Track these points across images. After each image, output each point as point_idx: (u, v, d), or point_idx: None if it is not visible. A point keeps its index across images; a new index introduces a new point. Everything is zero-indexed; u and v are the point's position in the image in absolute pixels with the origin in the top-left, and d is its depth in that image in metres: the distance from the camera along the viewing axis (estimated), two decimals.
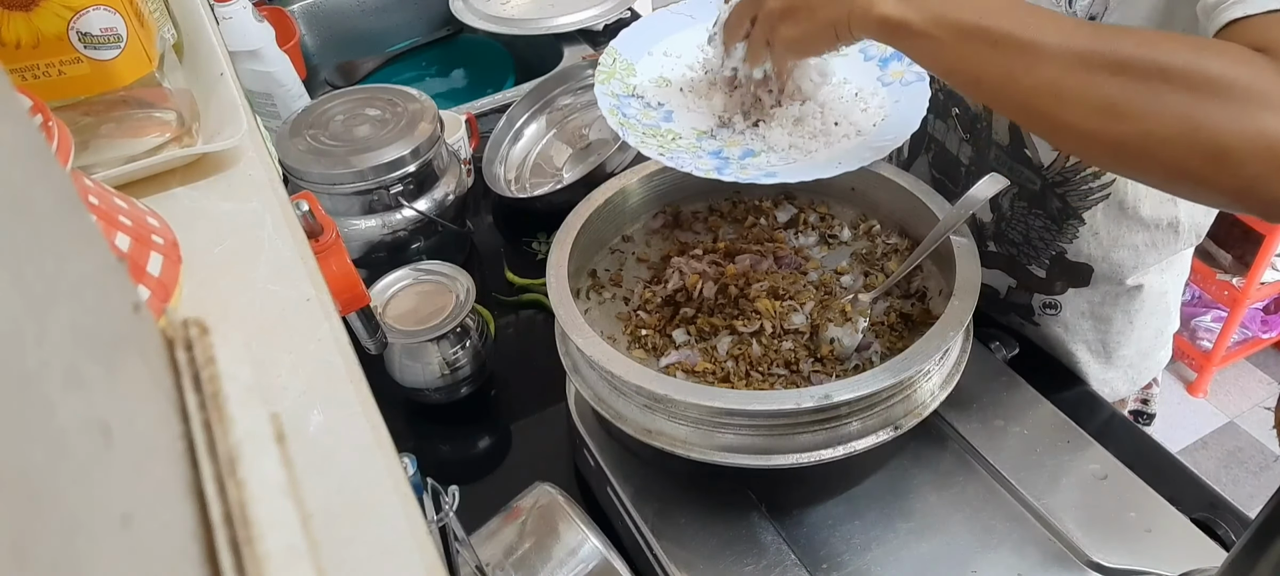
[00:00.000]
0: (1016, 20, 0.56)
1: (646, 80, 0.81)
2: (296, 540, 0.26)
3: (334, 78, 1.57)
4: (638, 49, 0.83)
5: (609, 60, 0.81)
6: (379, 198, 1.00)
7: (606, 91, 0.78)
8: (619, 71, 0.81)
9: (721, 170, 0.70)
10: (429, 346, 0.89)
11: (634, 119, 0.76)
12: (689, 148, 0.74)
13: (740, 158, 0.73)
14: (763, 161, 0.73)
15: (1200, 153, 0.51)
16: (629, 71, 0.81)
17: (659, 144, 0.74)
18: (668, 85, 0.80)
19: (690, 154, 0.73)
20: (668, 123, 0.77)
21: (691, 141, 0.75)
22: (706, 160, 0.72)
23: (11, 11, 0.59)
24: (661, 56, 0.83)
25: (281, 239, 0.51)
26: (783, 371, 0.71)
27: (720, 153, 0.74)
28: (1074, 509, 0.69)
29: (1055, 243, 0.86)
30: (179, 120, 0.59)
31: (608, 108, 0.76)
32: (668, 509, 0.71)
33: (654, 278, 0.82)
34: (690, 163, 0.71)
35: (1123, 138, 0.53)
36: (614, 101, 0.77)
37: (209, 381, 0.29)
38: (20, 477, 0.17)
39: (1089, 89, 0.53)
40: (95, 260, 0.26)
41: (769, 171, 0.71)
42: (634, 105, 0.78)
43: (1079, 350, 0.92)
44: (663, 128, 0.76)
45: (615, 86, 0.79)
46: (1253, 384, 2.34)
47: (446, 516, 0.59)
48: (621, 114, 0.76)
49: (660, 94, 0.80)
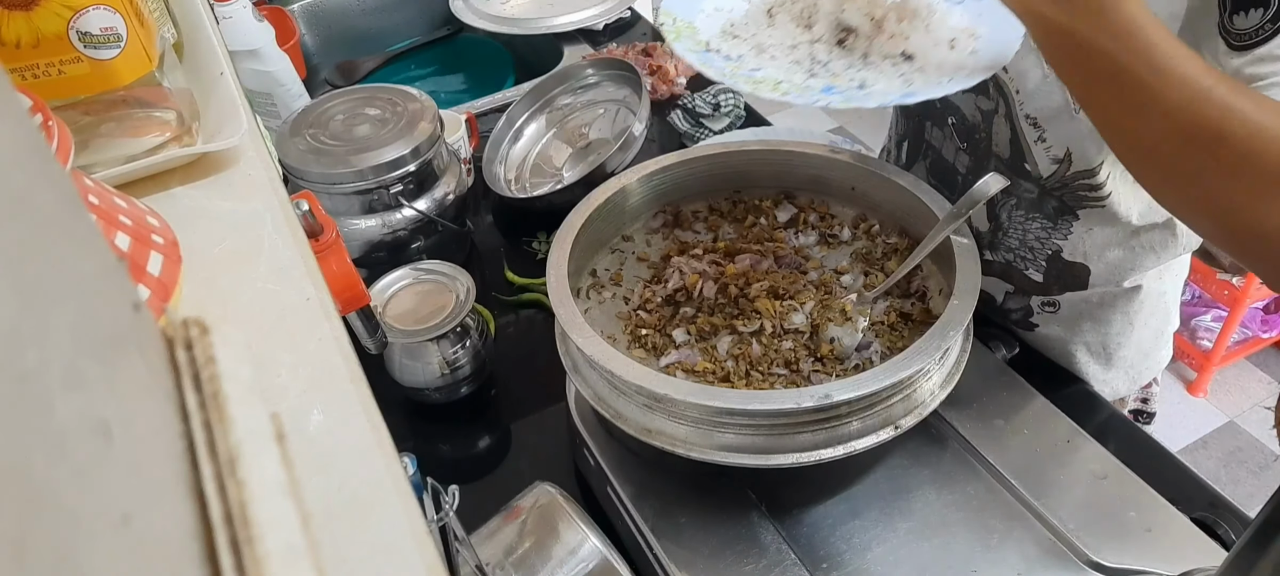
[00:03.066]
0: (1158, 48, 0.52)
1: (713, 35, 0.76)
2: (296, 540, 0.26)
3: (334, 77, 1.57)
4: (691, 8, 0.78)
5: (670, 21, 0.76)
6: (379, 197, 1.00)
7: (686, 48, 0.73)
8: (683, 31, 0.75)
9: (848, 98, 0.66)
10: (429, 346, 0.89)
11: (727, 69, 0.72)
12: (798, 88, 0.69)
13: (856, 87, 0.69)
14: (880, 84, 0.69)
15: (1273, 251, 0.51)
16: (691, 31, 0.76)
17: (772, 87, 0.69)
18: (737, 38, 0.75)
19: (802, 94, 0.68)
20: (758, 72, 0.72)
21: (796, 81, 0.70)
22: (823, 97, 0.68)
23: (11, 11, 0.58)
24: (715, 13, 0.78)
25: (281, 238, 0.51)
26: (783, 371, 0.71)
27: (831, 88, 0.69)
28: (1074, 508, 0.69)
29: (1051, 241, 0.86)
30: (179, 120, 0.59)
31: (699, 62, 0.71)
32: (668, 508, 0.71)
33: (654, 277, 0.82)
34: (813, 98, 0.67)
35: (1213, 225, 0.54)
36: (700, 56, 0.72)
37: (209, 381, 0.29)
38: (20, 477, 0.17)
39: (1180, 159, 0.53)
40: (95, 260, 0.26)
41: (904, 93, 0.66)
42: (716, 59, 0.73)
43: (1079, 351, 0.92)
44: (758, 76, 0.71)
45: (689, 44, 0.74)
46: (1253, 383, 2.34)
47: (446, 516, 0.59)
48: (715, 67, 0.71)
49: (733, 47, 0.75)
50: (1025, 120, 0.78)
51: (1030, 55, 0.74)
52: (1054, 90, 0.74)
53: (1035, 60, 0.74)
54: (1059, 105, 0.74)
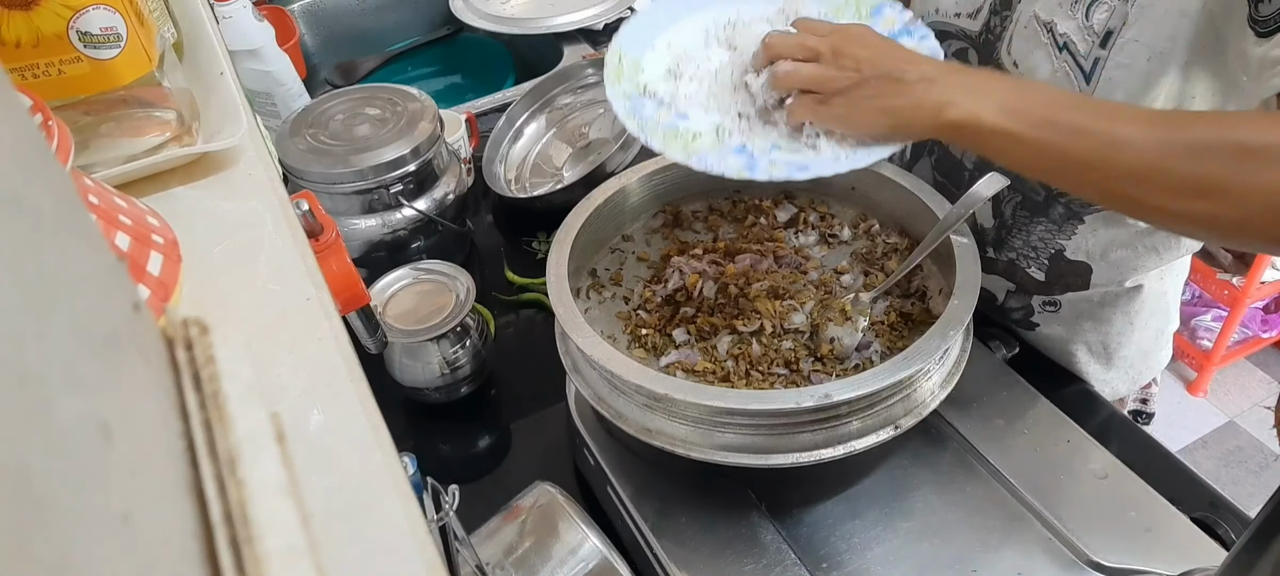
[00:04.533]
0: (1089, 112, 0.58)
1: (656, 76, 0.76)
2: (296, 539, 0.26)
3: (334, 77, 1.57)
4: (641, 44, 0.77)
5: (614, 59, 0.76)
6: (379, 197, 1.00)
7: (619, 93, 0.73)
8: (626, 70, 0.75)
9: (752, 168, 0.67)
10: (429, 346, 0.89)
11: (651, 120, 0.72)
12: (712, 145, 0.70)
13: (769, 152, 0.70)
14: (791, 157, 0.69)
15: None
16: (636, 69, 0.76)
17: (682, 146, 0.70)
18: (678, 79, 0.76)
19: (715, 153, 0.70)
20: (684, 121, 0.73)
21: (713, 138, 0.71)
22: (733, 159, 0.69)
23: (11, 11, 0.58)
24: (666, 49, 0.78)
25: (281, 238, 0.51)
26: (783, 371, 0.71)
27: (745, 148, 0.70)
28: (1074, 508, 0.69)
29: (1054, 241, 0.86)
30: (179, 119, 0.59)
31: (624, 112, 0.71)
32: (668, 508, 0.71)
33: (654, 277, 0.82)
34: (718, 163, 0.68)
35: (1217, 215, 0.55)
36: (628, 104, 0.72)
37: (209, 381, 0.29)
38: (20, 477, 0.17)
39: (1172, 173, 0.55)
40: (95, 259, 0.26)
41: (802, 166, 0.67)
42: (648, 106, 0.73)
43: (1079, 351, 0.92)
44: (681, 127, 0.72)
45: (626, 87, 0.74)
46: (1253, 383, 2.34)
47: (446, 515, 0.59)
48: (639, 117, 0.72)
49: (671, 89, 0.75)
50: None
51: (1039, 49, 0.74)
52: (1063, 84, 0.74)
53: (1045, 55, 0.74)
54: None
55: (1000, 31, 0.78)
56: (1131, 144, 0.56)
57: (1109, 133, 0.57)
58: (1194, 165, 0.55)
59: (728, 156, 0.69)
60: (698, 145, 0.70)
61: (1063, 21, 0.72)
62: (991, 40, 0.79)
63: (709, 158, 0.69)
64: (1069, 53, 0.72)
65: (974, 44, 0.82)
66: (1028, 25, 0.75)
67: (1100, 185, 0.59)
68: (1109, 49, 0.70)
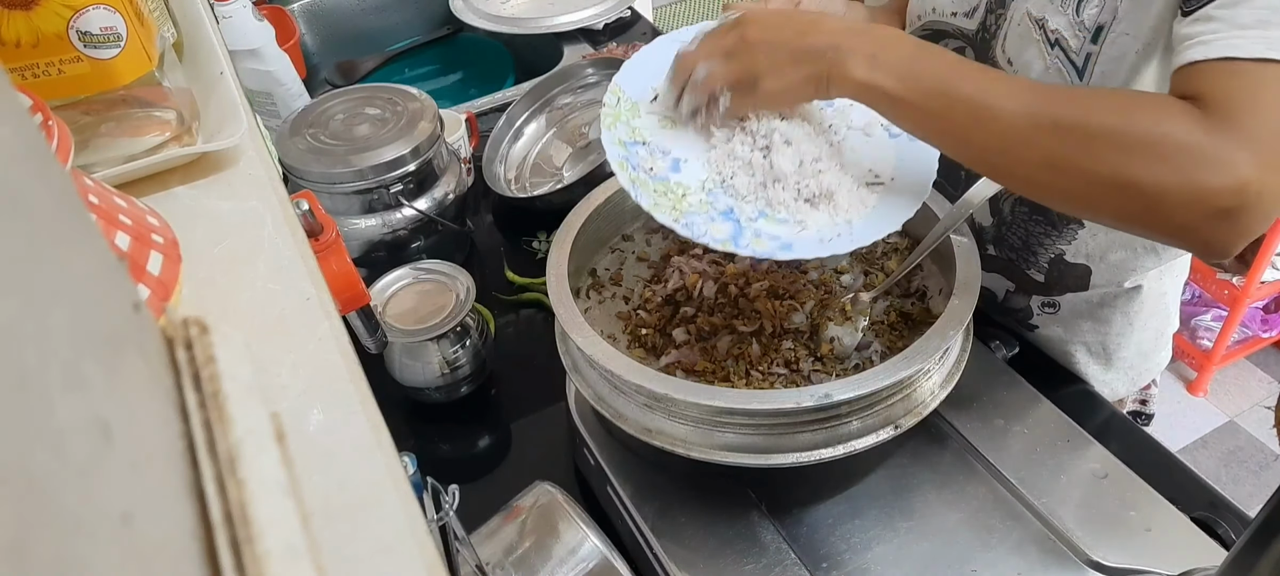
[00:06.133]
0: (977, 83, 0.60)
1: (651, 122, 0.73)
2: (296, 539, 0.26)
3: (334, 77, 1.57)
4: (642, 85, 0.74)
5: (613, 100, 0.73)
6: (379, 197, 1.00)
7: (613, 139, 0.71)
8: (624, 114, 0.73)
9: (736, 238, 0.66)
10: (429, 345, 0.89)
11: (643, 172, 0.70)
12: (700, 205, 0.68)
13: (754, 219, 0.68)
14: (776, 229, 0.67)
15: (1137, 203, 0.55)
16: (634, 112, 0.73)
17: (671, 206, 0.68)
18: (673, 126, 0.73)
19: (702, 214, 0.68)
20: (676, 174, 0.70)
21: (701, 197, 0.69)
22: (721, 225, 0.67)
23: (11, 10, 0.58)
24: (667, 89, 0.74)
25: (281, 238, 0.51)
26: (783, 371, 0.71)
27: (732, 212, 0.68)
28: (1074, 508, 0.69)
29: (1055, 245, 0.86)
30: (179, 119, 0.59)
31: (617, 160, 0.69)
32: (668, 508, 0.71)
33: (654, 277, 0.82)
34: (703, 228, 0.66)
35: (1068, 190, 0.59)
36: (622, 152, 0.70)
37: (209, 380, 0.29)
38: (20, 477, 0.17)
39: (1032, 146, 0.58)
40: (95, 259, 0.26)
41: (784, 244, 0.66)
42: (641, 153, 0.71)
43: (1078, 352, 0.92)
44: (671, 181, 0.69)
45: (621, 132, 0.72)
46: (1253, 383, 2.34)
47: (446, 515, 0.59)
48: (630, 166, 0.69)
49: (664, 139, 0.72)
50: None
51: (1032, 46, 0.74)
52: (1055, 81, 0.74)
53: (1037, 52, 0.74)
54: None
55: (995, 29, 0.78)
56: (1003, 114, 0.58)
57: (985, 103, 0.59)
58: (1054, 142, 0.57)
59: (715, 221, 0.68)
60: (686, 204, 0.69)
61: (1054, 17, 0.72)
62: (987, 38, 0.79)
63: (696, 222, 0.67)
64: (1061, 48, 0.72)
65: (971, 42, 0.82)
66: (1021, 22, 0.75)
67: (971, 153, 0.62)
68: (1100, 44, 0.70)
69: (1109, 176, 0.55)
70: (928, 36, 0.86)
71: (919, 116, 0.62)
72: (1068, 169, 0.57)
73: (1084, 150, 0.56)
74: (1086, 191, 0.57)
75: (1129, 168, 0.55)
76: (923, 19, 0.87)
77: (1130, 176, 0.55)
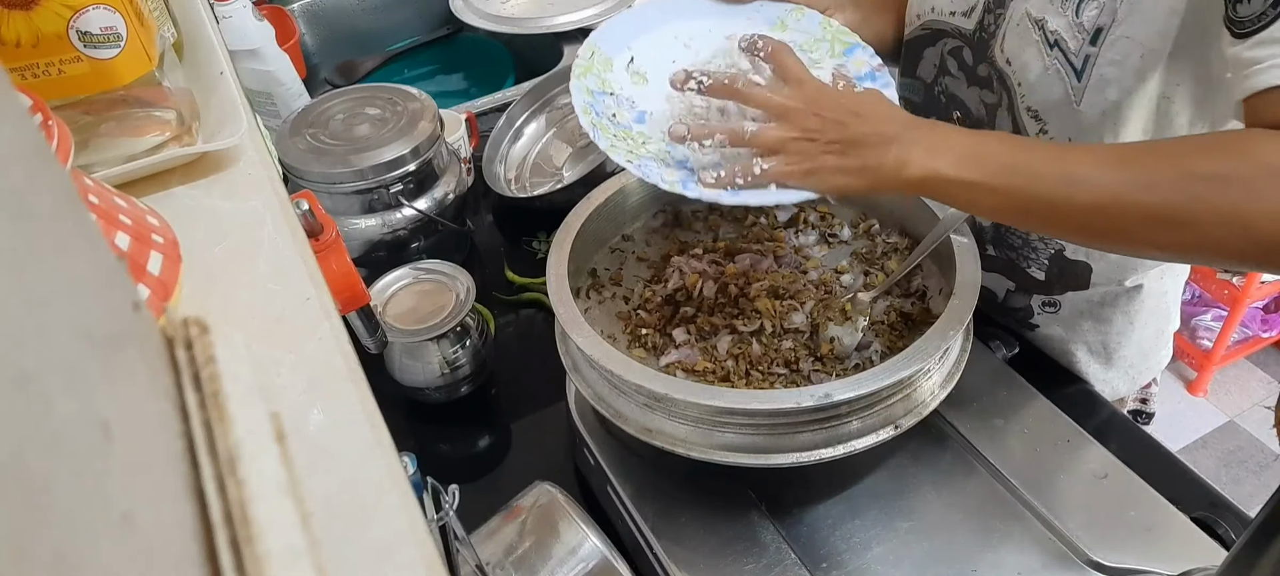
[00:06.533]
0: (1048, 154, 0.60)
1: (623, 76, 0.76)
2: (296, 539, 0.26)
3: (334, 77, 1.57)
4: (617, 43, 0.78)
5: (587, 54, 0.76)
6: (379, 197, 1.00)
7: (581, 87, 0.73)
8: (596, 66, 0.76)
9: (686, 183, 0.67)
10: (429, 345, 0.89)
11: (605, 118, 0.72)
12: (658, 153, 0.70)
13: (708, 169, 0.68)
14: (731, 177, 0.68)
15: (1255, 244, 0.55)
16: (606, 66, 0.76)
17: (628, 149, 0.70)
18: (645, 83, 0.76)
19: (657, 162, 0.69)
20: (640, 124, 0.73)
21: (661, 146, 0.71)
22: (673, 171, 0.69)
23: (11, 10, 0.58)
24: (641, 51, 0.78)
25: (281, 238, 0.51)
26: (783, 370, 0.71)
27: (686, 162, 0.70)
28: (1074, 508, 0.69)
29: (1054, 241, 0.86)
30: (179, 119, 0.59)
31: (581, 105, 0.71)
32: (668, 508, 0.71)
33: (654, 277, 0.82)
34: (656, 172, 0.68)
35: (1182, 243, 0.58)
36: (588, 99, 0.73)
37: (209, 380, 0.29)
38: (20, 476, 0.17)
39: (1134, 206, 0.57)
40: (95, 259, 0.26)
41: (733, 191, 0.67)
42: (608, 102, 0.74)
43: (1079, 351, 0.92)
44: (634, 130, 0.72)
45: (590, 82, 0.74)
46: (1253, 383, 2.34)
47: (446, 515, 0.59)
48: (594, 112, 0.71)
49: (635, 91, 0.75)
50: (1026, 112, 0.78)
51: (1030, 47, 0.74)
52: (1054, 82, 0.74)
53: (1036, 52, 0.74)
54: (1060, 97, 0.74)
55: (994, 30, 0.78)
56: (1090, 179, 0.58)
57: (1069, 172, 0.59)
58: (1151, 197, 0.56)
59: (669, 166, 0.69)
60: (644, 151, 0.70)
61: (1053, 18, 0.72)
62: (986, 38, 0.79)
63: (649, 165, 0.68)
64: (1060, 50, 0.72)
65: (969, 42, 0.82)
66: (1020, 23, 0.75)
67: (1065, 223, 0.61)
68: (1099, 46, 0.70)
69: (1224, 222, 0.55)
70: (926, 36, 0.86)
71: (998, 200, 0.62)
72: (1179, 224, 0.56)
73: (1192, 201, 0.55)
74: (1202, 243, 0.57)
75: (1251, 204, 0.54)
76: (921, 18, 0.87)
77: (1247, 217, 0.54)
